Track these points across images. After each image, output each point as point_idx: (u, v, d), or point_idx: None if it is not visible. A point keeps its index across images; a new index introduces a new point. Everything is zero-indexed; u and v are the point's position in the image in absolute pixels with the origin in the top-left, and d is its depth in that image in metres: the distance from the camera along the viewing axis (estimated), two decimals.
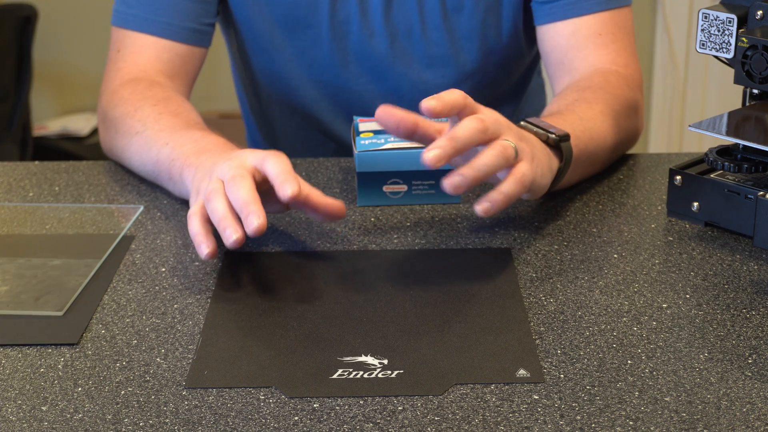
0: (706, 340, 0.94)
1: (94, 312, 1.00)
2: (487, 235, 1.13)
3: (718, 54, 1.14)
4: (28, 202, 1.23)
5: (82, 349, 0.94)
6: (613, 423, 0.83)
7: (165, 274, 1.06)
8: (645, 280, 1.04)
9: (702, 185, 1.13)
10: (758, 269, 1.06)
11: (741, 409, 0.84)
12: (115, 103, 1.30)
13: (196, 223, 1.02)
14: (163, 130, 1.21)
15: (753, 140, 1.09)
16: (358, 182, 1.19)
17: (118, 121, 1.28)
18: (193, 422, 0.84)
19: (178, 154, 1.16)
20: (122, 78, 1.33)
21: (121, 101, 1.29)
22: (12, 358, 0.93)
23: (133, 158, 1.26)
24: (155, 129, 1.22)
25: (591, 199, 1.22)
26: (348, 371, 0.90)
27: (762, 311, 0.98)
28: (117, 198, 1.24)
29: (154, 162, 1.21)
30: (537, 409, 0.85)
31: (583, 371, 0.89)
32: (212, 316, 0.98)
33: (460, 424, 0.83)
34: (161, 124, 1.22)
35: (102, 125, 1.34)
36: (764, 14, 1.11)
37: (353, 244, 1.12)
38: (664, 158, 1.34)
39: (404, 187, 1.19)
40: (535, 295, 1.02)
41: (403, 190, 1.20)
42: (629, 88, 1.32)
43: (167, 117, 1.23)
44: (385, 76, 1.42)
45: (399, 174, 1.19)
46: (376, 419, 0.84)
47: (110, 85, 1.33)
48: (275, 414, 0.85)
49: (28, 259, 1.09)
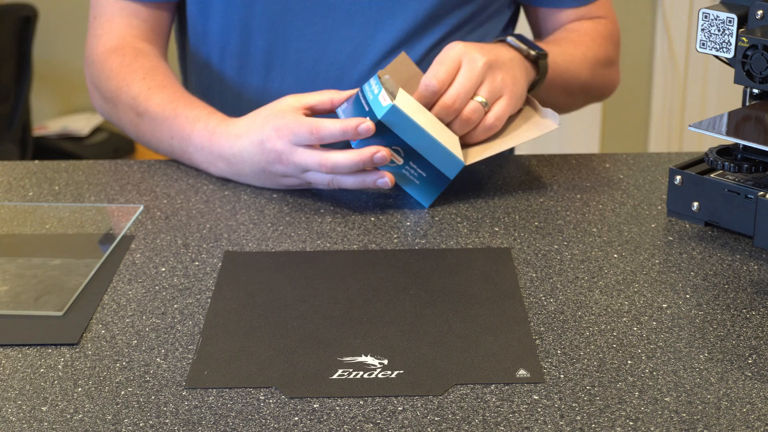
0: (706, 340, 0.94)
1: (94, 312, 1.00)
2: (487, 235, 1.13)
3: (719, 54, 1.14)
4: (28, 202, 1.23)
5: (82, 349, 0.94)
6: (613, 423, 0.83)
7: (165, 274, 1.06)
8: (645, 280, 1.04)
9: (702, 185, 1.13)
10: (758, 269, 1.06)
11: (741, 409, 0.84)
12: (106, 74, 1.38)
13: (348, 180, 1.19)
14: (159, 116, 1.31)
15: (753, 140, 1.09)
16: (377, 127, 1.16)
17: (114, 94, 1.36)
18: (193, 422, 0.84)
19: (186, 146, 1.28)
20: (105, 46, 1.40)
21: (112, 73, 1.37)
22: (12, 358, 0.93)
23: (148, 140, 1.35)
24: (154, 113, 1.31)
25: (591, 199, 1.22)
26: (348, 371, 0.90)
27: (762, 311, 0.98)
28: (117, 198, 1.24)
29: (168, 151, 1.32)
30: (537, 409, 0.85)
31: (583, 371, 0.89)
32: (212, 316, 0.98)
33: (460, 424, 0.83)
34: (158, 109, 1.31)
35: (95, 92, 1.41)
36: (764, 14, 1.11)
37: (353, 244, 1.12)
38: (664, 158, 1.34)
39: (400, 161, 1.19)
40: (535, 295, 1.02)
41: (399, 163, 1.19)
42: (612, 42, 1.47)
43: (156, 93, 1.32)
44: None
45: (405, 146, 1.17)
46: (376, 419, 0.84)
47: (95, 52, 1.41)
48: (275, 414, 0.85)
49: (28, 259, 1.09)
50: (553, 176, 1.28)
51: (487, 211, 1.19)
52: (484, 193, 1.24)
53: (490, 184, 1.26)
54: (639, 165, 1.31)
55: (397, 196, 1.23)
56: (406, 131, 1.16)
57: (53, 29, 3.44)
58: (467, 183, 1.26)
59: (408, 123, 1.16)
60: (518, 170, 1.30)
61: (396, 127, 1.16)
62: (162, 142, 1.32)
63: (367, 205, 1.21)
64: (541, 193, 1.23)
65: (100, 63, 1.39)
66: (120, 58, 1.38)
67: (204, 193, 1.24)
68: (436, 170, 1.18)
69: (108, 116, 1.41)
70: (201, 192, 1.25)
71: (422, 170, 1.18)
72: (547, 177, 1.28)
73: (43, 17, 3.23)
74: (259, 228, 1.16)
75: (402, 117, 1.16)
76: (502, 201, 1.21)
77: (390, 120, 1.15)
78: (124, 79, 1.35)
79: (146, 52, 1.40)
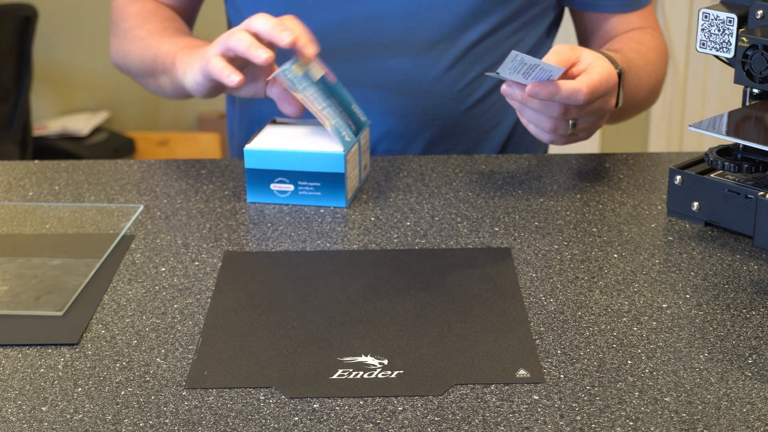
0: (706, 340, 0.94)
1: (94, 312, 1.00)
2: (487, 235, 1.13)
3: (719, 53, 1.14)
4: (28, 202, 1.23)
5: (82, 349, 0.94)
6: (613, 423, 0.83)
7: (165, 274, 1.06)
8: (645, 280, 1.04)
9: (702, 185, 1.13)
10: (758, 269, 1.06)
11: (741, 409, 0.84)
12: (125, 17, 1.45)
13: (219, 61, 1.18)
14: (166, 35, 1.38)
15: (753, 140, 1.09)
16: (247, 178, 1.21)
17: (128, 32, 1.43)
18: (193, 422, 0.84)
19: (173, 48, 1.33)
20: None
21: (130, 16, 1.44)
22: (12, 358, 0.93)
23: (135, 59, 1.40)
24: (159, 35, 1.38)
25: (591, 199, 1.22)
26: (348, 371, 0.90)
27: (762, 311, 0.98)
28: (117, 198, 1.24)
29: (153, 57, 1.36)
30: (537, 409, 0.85)
31: (583, 371, 0.89)
32: (212, 316, 0.98)
33: (460, 424, 0.83)
34: (165, 33, 1.38)
35: (112, 34, 1.47)
36: (764, 14, 1.11)
37: (353, 244, 1.12)
38: (664, 158, 1.34)
39: (290, 187, 1.20)
40: (535, 295, 1.02)
41: (290, 189, 1.20)
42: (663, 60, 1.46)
43: (171, 29, 1.40)
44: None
45: (286, 173, 1.20)
46: (376, 419, 0.84)
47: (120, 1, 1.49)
48: (275, 414, 0.85)
49: (28, 259, 1.09)
50: (553, 176, 1.28)
51: (487, 211, 1.19)
52: (484, 193, 1.24)
53: (490, 184, 1.26)
54: (639, 165, 1.31)
55: (397, 196, 1.23)
56: (276, 161, 1.20)
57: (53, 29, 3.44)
58: (467, 183, 1.26)
59: (275, 155, 1.20)
60: (518, 170, 1.30)
61: (264, 163, 1.20)
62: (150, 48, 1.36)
63: (367, 205, 1.21)
64: (541, 193, 1.23)
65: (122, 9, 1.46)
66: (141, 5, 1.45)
67: (204, 193, 1.24)
68: (325, 174, 1.19)
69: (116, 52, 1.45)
70: (201, 192, 1.25)
71: (313, 182, 1.20)
72: (547, 177, 1.28)
73: (43, 17, 3.23)
74: (259, 228, 1.16)
75: (262, 154, 1.20)
76: (502, 201, 1.21)
77: (254, 161, 1.20)
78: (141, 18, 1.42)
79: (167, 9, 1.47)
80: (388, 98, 1.39)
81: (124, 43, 1.43)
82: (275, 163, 1.20)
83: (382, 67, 1.37)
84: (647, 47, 1.41)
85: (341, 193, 1.20)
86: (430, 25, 1.36)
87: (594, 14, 1.46)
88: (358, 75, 1.38)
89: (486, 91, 1.41)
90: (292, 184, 1.20)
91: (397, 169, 1.30)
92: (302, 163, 1.19)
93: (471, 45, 1.38)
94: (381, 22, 1.36)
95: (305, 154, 1.19)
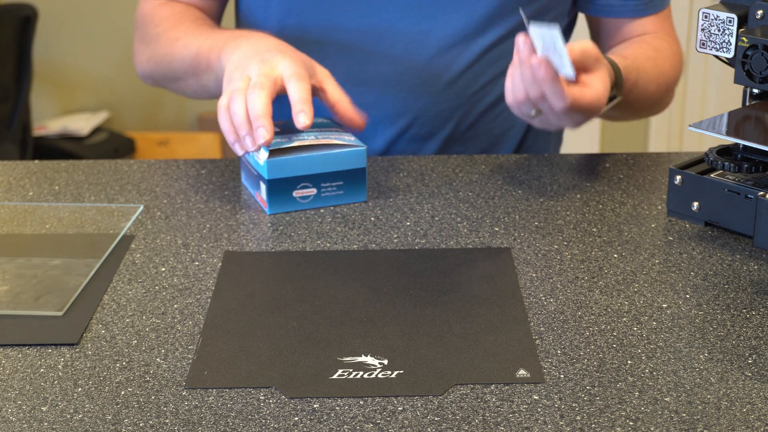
0: (706, 340, 0.94)
1: (94, 312, 1.00)
2: (487, 235, 1.13)
3: (719, 53, 1.14)
4: (28, 202, 1.23)
5: (82, 349, 0.94)
6: (613, 423, 0.83)
7: (165, 274, 1.06)
8: (645, 280, 1.04)
9: (702, 185, 1.13)
10: (758, 269, 1.06)
11: (741, 409, 0.84)
12: (156, 22, 1.41)
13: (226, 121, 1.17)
14: (203, 32, 1.35)
15: (753, 140, 1.09)
16: (268, 190, 1.18)
17: (160, 36, 1.39)
18: (193, 422, 0.84)
19: (216, 43, 1.29)
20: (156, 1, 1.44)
21: (161, 20, 1.41)
22: (12, 358, 0.93)
23: (173, 62, 1.37)
24: (196, 33, 1.35)
25: (591, 199, 1.22)
26: (348, 371, 0.90)
27: (762, 311, 0.98)
28: (117, 197, 1.24)
29: (194, 55, 1.33)
30: (537, 409, 0.85)
31: (583, 371, 0.89)
32: (212, 316, 0.98)
33: (460, 424, 0.83)
34: (201, 30, 1.36)
35: (140, 41, 1.44)
36: (764, 14, 1.11)
37: (353, 244, 1.12)
38: (664, 158, 1.34)
39: (313, 191, 1.19)
40: (535, 295, 1.02)
41: (312, 193, 1.20)
42: (678, 68, 1.47)
43: (206, 27, 1.37)
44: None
45: (309, 178, 1.19)
46: (376, 419, 0.84)
47: (147, 5, 1.45)
48: (275, 414, 0.85)
49: (28, 259, 1.09)
50: (553, 176, 1.28)
51: (487, 211, 1.19)
52: (484, 193, 1.24)
53: (490, 184, 1.26)
54: (639, 165, 1.31)
55: (397, 196, 1.23)
56: (300, 167, 1.18)
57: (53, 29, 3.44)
58: (467, 183, 1.26)
59: (298, 162, 1.18)
60: (518, 170, 1.30)
61: (285, 170, 1.17)
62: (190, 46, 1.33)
63: (367, 205, 1.21)
64: (541, 193, 1.23)
65: (149, 14, 1.43)
66: (170, 8, 1.42)
67: (204, 193, 1.24)
68: (348, 171, 1.19)
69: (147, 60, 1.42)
70: (201, 192, 1.25)
71: (336, 182, 1.19)
72: (547, 177, 1.28)
73: (43, 17, 3.23)
74: (259, 228, 1.16)
75: (287, 162, 1.17)
76: (502, 201, 1.21)
77: (277, 171, 1.17)
78: (173, 20, 1.39)
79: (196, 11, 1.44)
80: (403, 100, 1.39)
81: (158, 48, 1.40)
82: (298, 168, 1.18)
83: (396, 70, 1.37)
84: (663, 55, 1.41)
85: (362, 188, 1.20)
86: (446, 28, 1.36)
87: (608, 19, 1.46)
88: (373, 77, 1.38)
89: (499, 95, 1.41)
90: (315, 188, 1.19)
91: (397, 169, 1.30)
92: (326, 165, 1.18)
93: (485, 49, 1.38)
94: (396, 24, 1.36)
95: (328, 155, 1.19)
